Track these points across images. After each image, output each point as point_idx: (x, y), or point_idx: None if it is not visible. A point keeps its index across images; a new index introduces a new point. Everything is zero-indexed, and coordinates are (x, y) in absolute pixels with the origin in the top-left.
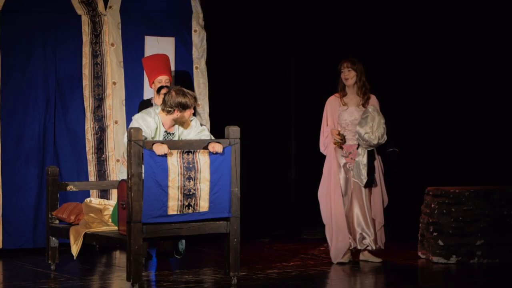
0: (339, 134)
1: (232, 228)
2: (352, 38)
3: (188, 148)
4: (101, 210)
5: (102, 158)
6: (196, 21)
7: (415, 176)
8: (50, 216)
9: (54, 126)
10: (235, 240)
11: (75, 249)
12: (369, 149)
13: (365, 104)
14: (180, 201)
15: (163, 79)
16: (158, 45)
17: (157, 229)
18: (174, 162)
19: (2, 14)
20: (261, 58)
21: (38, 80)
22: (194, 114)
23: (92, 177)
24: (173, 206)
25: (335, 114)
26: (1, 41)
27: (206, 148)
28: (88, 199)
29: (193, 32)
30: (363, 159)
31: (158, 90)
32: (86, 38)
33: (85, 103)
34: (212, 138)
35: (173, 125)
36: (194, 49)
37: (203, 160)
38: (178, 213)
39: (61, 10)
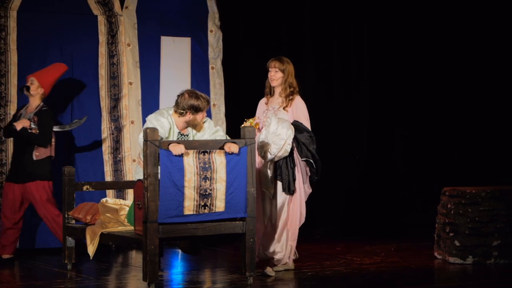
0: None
1: (248, 228)
2: (367, 38)
3: (204, 148)
4: (117, 210)
5: (118, 158)
6: (212, 21)
7: (431, 177)
8: (66, 216)
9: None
10: (251, 240)
11: (91, 249)
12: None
13: (286, 106)
14: (196, 201)
15: (28, 80)
16: (174, 45)
17: (173, 229)
18: (190, 162)
19: (19, 15)
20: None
21: None
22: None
23: (108, 177)
24: (189, 206)
25: (261, 115)
26: (17, 42)
27: (222, 148)
28: (104, 199)
29: (209, 32)
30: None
31: (21, 90)
32: (102, 38)
33: (101, 103)
34: (228, 138)
35: (186, 127)
36: (210, 49)
37: (219, 160)
38: (194, 213)
39: (78, 10)
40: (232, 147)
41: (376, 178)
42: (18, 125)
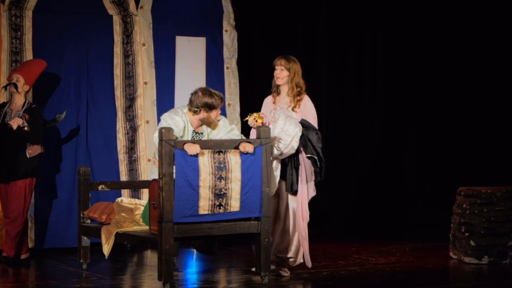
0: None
1: (263, 228)
2: (383, 39)
3: (219, 148)
4: (132, 210)
5: (133, 158)
6: (227, 21)
7: (446, 176)
8: (81, 215)
9: (86, 126)
10: (266, 240)
11: (106, 249)
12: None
13: (295, 107)
14: (211, 200)
15: (14, 77)
16: (189, 45)
17: (188, 228)
18: (205, 162)
19: (34, 15)
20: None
21: (70, 80)
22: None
23: (123, 176)
24: (204, 205)
25: (267, 114)
26: (33, 42)
27: (237, 148)
28: (119, 199)
29: (224, 32)
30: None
31: (5, 88)
32: (117, 38)
33: (116, 102)
34: (243, 137)
35: (201, 125)
36: (225, 49)
37: (234, 160)
38: (209, 212)
39: (93, 10)
40: (247, 147)
41: (389, 178)
42: (14, 124)
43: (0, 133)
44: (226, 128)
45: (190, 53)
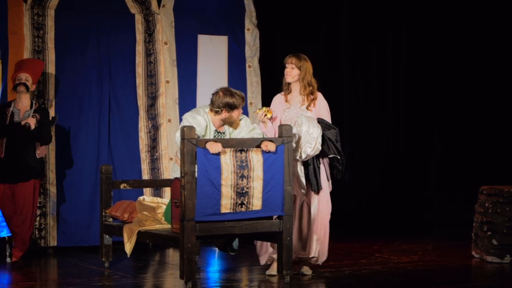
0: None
1: (285, 226)
2: (405, 39)
3: (241, 146)
4: (154, 208)
5: (155, 156)
6: (249, 19)
7: (469, 175)
8: (104, 214)
9: (109, 124)
10: (288, 238)
11: (128, 247)
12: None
13: (309, 106)
14: (233, 199)
15: (22, 77)
16: (211, 44)
17: (210, 227)
18: (227, 161)
19: (56, 14)
20: (314, 57)
21: (92, 79)
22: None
23: (145, 175)
24: (226, 204)
25: (279, 112)
26: (55, 41)
27: (259, 146)
28: (141, 197)
29: (246, 31)
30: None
31: (15, 88)
32: (139, 36)
33: (138, 101)
34: (265, 136)
35: (222, 125)
36: (247, 47)
37: (256, 158)
38: (231, 211)
39: (115, 9)
40: (269, 146)
41: (412, 176)
42: (32, 124)
43: (11, 132)
44: (248, 127)
45: (212, 52)
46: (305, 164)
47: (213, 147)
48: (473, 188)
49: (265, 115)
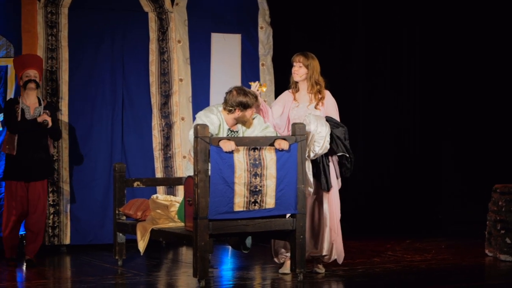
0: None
1: (298, 225)
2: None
3: (254, 145)
4: (168, 206)
5: (168, 155)
6: (263, 17)
7: (482, 173)
8: (117, 212)
9: (122, 123)
10: (301, 237)
11: (142, 245)
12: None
13: (317, 105)
14: (246, 197)
15: (31, 74)
16: (225, 42)
17: (223, 225)
18: (241, 159)
19: (70, 12)
20: (327, 56)
21: (106, 77)
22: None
23: (158, 173)
24: (239, 202)
25: (287, 109)
26: (69, 39)
27: (272, 145)
28: (154, 195)
29: (259, 29)
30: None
31: (25, 85)
32: (153, 35)
33: (151, 99)
34: (278, 135)
35: (236, 123)
36: (260, 46)
37: (269, 157)
38: (244, 209)
39: (128, 7)
40: (282, 144)
41: (425, 175)
42: (50, 120)
43: (28, 129)
44: (261, 126)
45: (225, 50)
46: (314, 162)
47: (227, 145)
48: (486, 187)
49: (258, 90)
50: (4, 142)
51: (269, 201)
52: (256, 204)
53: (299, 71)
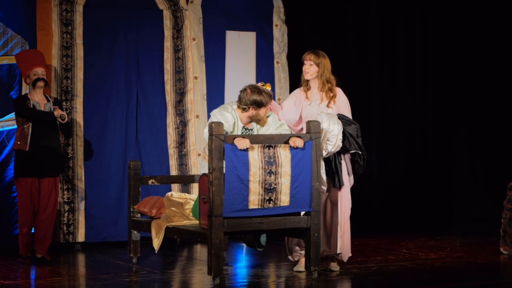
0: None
1: (313, 222)
2: (433, 31)
3: (269, 142)
4: (182, 204)
5: (183, 152)
6: (277, 15)
7: (497, 171)
8: (132, 209)
9: (136, 120)
10: (316, 234)
11: (156, 243)
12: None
13: (329, 103)
14: (261, 195)
15: (39, 72)
16: (239, 40)
17: (238, 223)
18: (255, 157)
19: (85, 10)
20: (342, 53)
21: (120, 75)
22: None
23: (173, 171)
24: (254, 200)
25: (299, 107)
26: (83, 36)
27: (287, 142)
28: (169, 193)
29: (274, 27)
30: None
31: (34, 83)
32: (167, 32)
33: (166, 97)
34: (293, 132)
35: (250, 122)
36: (275, 43)
37: (284, 154)
38: (259, 207)
39: (143, 5)
40: (297, 142)
41: (440, 172)
42: (67, 116)
43: (47, 119)
44: (276, 124)
45: (240, 48)
46: (327, 160)
47: (241, 143)
48: (501, 184)
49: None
50: (16, 138)
51: (284, 199)
52: (271, 202)
53: (309, 69)
